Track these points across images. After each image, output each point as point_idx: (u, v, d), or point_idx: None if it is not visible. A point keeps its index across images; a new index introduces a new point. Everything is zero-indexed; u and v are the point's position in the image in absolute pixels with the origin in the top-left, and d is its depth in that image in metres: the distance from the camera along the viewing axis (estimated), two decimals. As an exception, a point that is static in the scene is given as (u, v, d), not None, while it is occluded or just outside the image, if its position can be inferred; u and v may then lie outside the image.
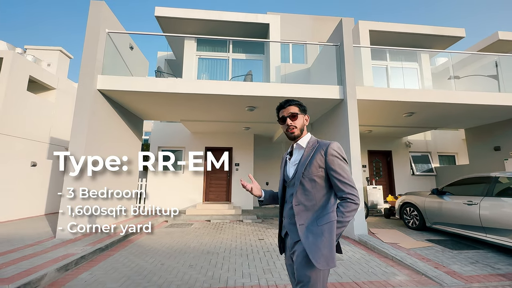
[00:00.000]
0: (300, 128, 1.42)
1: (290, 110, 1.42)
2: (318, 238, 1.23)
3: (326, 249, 1.21)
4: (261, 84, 5.41)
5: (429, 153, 9.97)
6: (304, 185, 1.32)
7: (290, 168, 1.44)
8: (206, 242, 4.66)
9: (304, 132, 1.45)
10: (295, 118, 1.41)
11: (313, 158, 1.33)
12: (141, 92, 5.17)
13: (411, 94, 5.62)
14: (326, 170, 1.32)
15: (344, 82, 5.46)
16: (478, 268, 3.20)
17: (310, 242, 1.24)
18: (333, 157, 1.30)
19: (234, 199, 8.80)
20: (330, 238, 1.23)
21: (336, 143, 1.34)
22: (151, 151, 8.86)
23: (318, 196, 1.31)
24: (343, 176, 1.28)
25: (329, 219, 1.26)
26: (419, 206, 5.14)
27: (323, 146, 1.34)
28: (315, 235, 1.24)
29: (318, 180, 1.31)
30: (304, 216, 1.30)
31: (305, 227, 1.28)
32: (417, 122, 7.47)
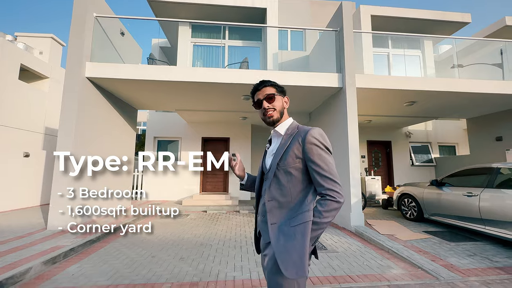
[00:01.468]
0: (279, 111, 1.23)
1: (266, 92, 1.25)
2: (289, 241, 1.05)
3: (297, 255, 1.03)
4: (257, 71, 5.20)
5: (429, 144, 9.83)
6: (279, 178, 1.14)
7: (267, 159, 1.26)
8: (201, 233, 4.59)
9: (284, 116, 1.26)
10: (272, 99, 1.23)
11: (290, 146, 1.14)
12: (132, 80, 4.97)
13: (413, 83, 5.42)
14: (305, 161, 1.12)
15: (343, 70, 5.25)
16: (476, 261, 3.13)
17: (280, 245, 1.07)
18: (312, 145, 1.10)
19: (232, 190, 8.75)
20: (303, 242, 1.04)
21: (317, 129, 1.14)
22: (147, 142, 8.74)
23: (294, 192, 1.13)
24: (323, 169, 1.08)
25: (304, 219, 1.08)
26: (418, 197, 5.05)
27: (302, 132, 1.15)
28: (286, 237, 1.07)
29: (294, 172, 1.13)
30: (277, 214, 1.13)
31: (277, 227, 1.11)
32: (418, 112, 7.28)
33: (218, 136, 9.01)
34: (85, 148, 4.85)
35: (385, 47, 8.15)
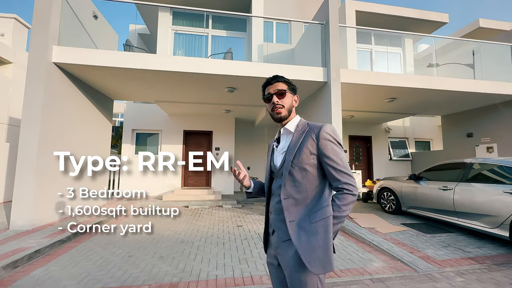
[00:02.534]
0: (288, 109, 1.22)
1: (278, 87, 1.22)
2: (312, 238, 1.06)
3: (321, 250, 1.04)
4: (241, 62, 5.02)
5: (406, 139, 10.24)
6: (294, 175, 1.14)
7: (277, 157, 1.25)
8: (182, 230, 4.43)
9: (292, 114, 1.25)
10: (282, 96, 1.21)
11: (303, 143, 1.14)
12: (106, 67, 4.61)
13: (394, 79, 5.52)
14: (319, 157, 1.13)
15: (329, 64, 5.22)
16: (450, 252, 3.27)
17: (302, 242, 1.06)
18: (327, 141, 1.11)
19: (214, 184, 8.58)
20: (326, 237, 1.06)
21: (329, 125, 1.15)
22: (125, 135, 8.28)
23: (310, 188, 1.13)
24: (338, 164, 1.10)
25: (324, 214, 1.09)
26: (396, 191, 5.22)
27: (315, 129, 1.15)
28: (308, 233, 1.07)
29: (309, 169, 1.13)
30: (294, 211, 1.12)
31: (296, 224, 1.10)
32: (398, 108, 7.50)
33: (200, 129, 8.74)
34: (54, 142, 4.46)
35: (368, 44, 8.27)
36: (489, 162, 3.84)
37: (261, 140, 9.89)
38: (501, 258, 3.09)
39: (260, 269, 2.80)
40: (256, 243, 3.67)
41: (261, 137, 9.88)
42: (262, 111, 7.72)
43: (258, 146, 9.86)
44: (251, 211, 6.21)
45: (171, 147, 8.46)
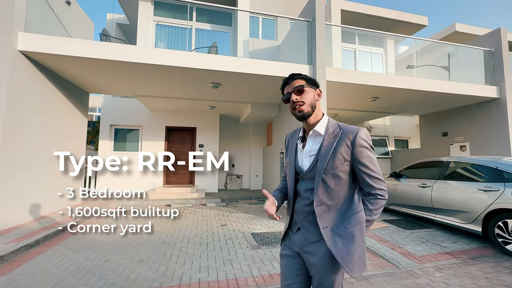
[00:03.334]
0: (309, 104, 1.15)
1: (295, 84, 1.17)
2: (350, 243, 1.08)
3: (358, 255, 1.07)
4: (227, 57, 4.87)
5: (386, 137, 10.59)
6: (327, 182, 1.12)
7: (304, 159, 1.20)
8: (163, 230, 4.26)
9: (318, 113, 1.19)
10: (301, 92, 1.15)
11: (337, 149, 1.11)
12: (80, 58, 4.27)
13: (377, 79, 5.63)
14: (352, 163, 1.12)
15: (315, 62, 5.21)
16: (428, 248, 3.38)
17: (339, 248, 1.07)
18: (363, 148, 1.09)
19: (198, 182, 8.39)
20: (362, 241, 1.10)
21: (364, 130, 1.11)
22: (102, 130, 7.84)
23: (341, 194, 1.13)
24: (373, 170, 1.10)
25: (358, 220, 1.11)
26: (378, 188, 5.35)
27: (349, 134, 1.11)
28: (344, 239, 1.08)
29: (343, 175, 1.12)
30: (327, 218, 1.13)
31: (330, 230, 1.11)
32: (380, 107, 7.70)
33: (183, 125, 8.48)
34: (20, 139, 4.09)
35: (352, 43, 8.40)
36: (464, 160, 4.02)
37: (246, 137, 9.80)
38: (475, 252, 3.25)
39: (245, 270, 2.73)
40: (240, 243, 3.60)
41: (246, 134, 9.78)
42: (247, 108, 7.62)
43: (243, 144, 9.76)
44: (236, 209, 6.13)
45: (152, 143, 8.13)
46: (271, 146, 8.51)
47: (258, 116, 7.86)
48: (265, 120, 8.77)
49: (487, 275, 2.62)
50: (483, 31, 9.13)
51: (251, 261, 2.98)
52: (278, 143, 7.61)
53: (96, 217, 4.98)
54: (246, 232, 4.14)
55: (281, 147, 7.27)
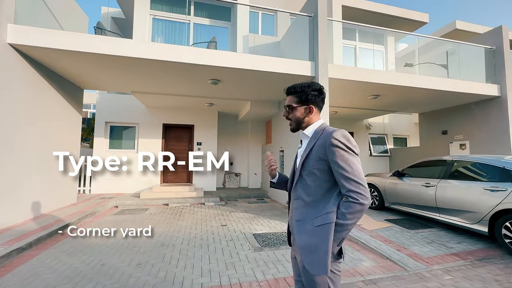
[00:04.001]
0: (295, 121, 1.28)
1: (286, 102, 1.31)
2: (312, 240, 1.10)
3: (319, 254, 1.07)
4: (227, 53, 4.73)
5: (385, 135, 10.55)
6: (304, 178, 1.19)
7: (298, 159, 1.29)
8: (162, 231, 4.13)
9: (312, 118, 1.27)
10: (291, 110, 1.28)
11: (314, 148, 1.17)
12: (73, 52, 4.08)
13: (379, 76, 5.53)
14: (329, 162, 1.12)
15: (316, 58, 5.09)
16: (434, 249, 3.32)
17: (303, 243, 1.13)
18: (335, 147, 1.10)
19: (196, 181, 8.25)
20: (325, 243, 1.07)
21: (340, 131, 1.13)
22: (97, 127, 7.64)
23: (319, 192, 1.15)
24: (346, 170, 1.07)
25: (325, 220, 1.10)
26: (380, 187, 5.29)
27: (326, 134, 1.15)
28: (309, 236, 1.12)
29: (318, 173, 1.15)
30: (302, 212, 1.18)
31: (301, 225, 1.17)
32: (380, 105, 7.62)
33: (181, 123, 8.31)
34: (10, 137, 3.90)
35: (352, 40, 8.29)
36: (469, 159, 3.96)
37: (244, 135, 9.66)
38: (481, 253, 3.19)
39: (249, 274, 2.63)
40: (242, 245, 3.49)
41: (245, 132, 9.65)
42: (246, 105, 7.48)
43: (241, 142, 9.63)
44: (235, 209, 6.02)
45: (149, 141, 7.95)
46: (270, 144, 8.39)
47: (257, 113, 7.73)
48: (264, 118, 8.65)
49: (497, 277, 2.56)
50: (484, 29, 9.09)
51: (254, 264, 2.87)
52: (277, 141, 7.50)
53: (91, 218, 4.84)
54: (247, 233, 4.04)
55: (281, 145, 7.16)
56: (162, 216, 5.16)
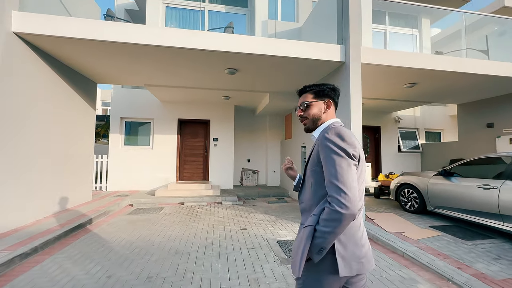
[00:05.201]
0: (312, 119, 1.20)
1: (302, 99, 1.24)
2: (296, 242, 1.06)
3: (296, 256, 1.02)
4: (245, 37, 4.23)
5: (416, 130, 9.63)
6: (306, 181, 1.15)
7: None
8: (176, 235, 3.77)
9: (326, 117, 1.19)
10: (306, 108, 1.21)
11: (313, 151, 1.12)
12: (82, 40, 3.78)
13: (420, 60, 4.80)
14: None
15: (347, 41, 4.46)
16: (506, 267, 2.67)
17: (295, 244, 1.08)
18: (324, 147, 1.02)
19: (212, 178, 7.91)
20: (302, 244, 1.00)
21: (335, 128, 1.05)
22: (112, 123, 7.47)
23: (317, 196, 1.07)
24: (331, 172, 0.97)
25: (310, 222, 1.02)
26: (421, 188, 4.60)
27: (322, 132, 1.09)
28: (297, 237, 1.08)
29: (315, 176, 1.07)
30: (305, 216, 1.12)
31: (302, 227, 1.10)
32: (415, 95, 6.82)
33: (196, 118, 7.96)
34: (19, 134, 3.67)
35: (382, 24, 7.50)
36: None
37: (262, 130, 9.18)
38: None
39: (278, 296, 2.16)
40: (266, 255, 3.03)
41: (263, 127, 9.16)
42: (265, 98, 6.97)
43: (259, 137, 9.15)
44: (254, 209, 5.58)
45: (164, 137, 7.69)
46: (290, 140, 7.85)
47: (276, 106, 7.20)
48: (283, 111, 8.10)
49: None
50: (537, 6, 7.89)
51: (282, 281, 2.40)
52: (299, 136, 6.95)
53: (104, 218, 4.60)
54: (270, 239, 3.57)
55: (303, 140, 6.60)
56: (177, 217, 4.82)
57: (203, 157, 8.11)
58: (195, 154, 8.08)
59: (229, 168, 7.97)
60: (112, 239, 3.56)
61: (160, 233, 3.83)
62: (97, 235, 3.72)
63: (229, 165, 7.98)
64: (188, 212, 5.21)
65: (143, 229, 4.04)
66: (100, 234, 3.76)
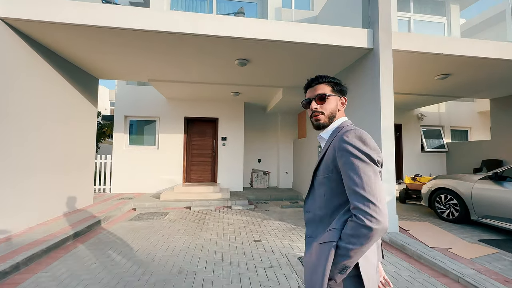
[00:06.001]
0: (328, 115, 1.04)
1: (318, 91, 1.05)
2: (312, 259, 0.92)
3: (316, 275, 0.87)
4: (258, 20, 3.71)
5: (441, 127, 8.86)
6: (315, 188, 1.01)
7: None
8: (180, 247, 3.29)
9: (339, 115, 1.06)
10: (323, 101, 1.03)
11: (326, 153, 0.97)
12: (76, 26, 3.35)
13: (460, 45, 4.17)
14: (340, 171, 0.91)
15: (375, 25, 3.88)
16: None
17: (307, 260, 0.96)
18: (344, 152, 0.88)
19: (221, 180, 7.43)
20: (323, 263, 0.85)
21: (354, 131, 0.90)
22: (116, 122, 7.10)
23: (330, 205, 0.95)
24: (355, 181, 0.84)
25: (329, 238, 0.88)
26: (463, 193, 3.96)
27: (339, 135, 0.94)
28: (311, 254, 0.94)
29: (328, 183, 0.94)
30: (313, 227, 0.99)
31: (310, 242, 0.98)
32: (445, 89, 6.12)
33: (204, 116, 7.50)
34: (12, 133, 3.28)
35: (406, 11, 6.86)
36: None
37: (273, 129, 8.64)
38: None
39: None
40: (288, 277, 2.50)
41: (274, 125, 8.62)
42: (277, 93, 6.44)
43: (270, 136, 8.62)
44: (267, 215, 5.06)
45: (170, 136, 7.27)
46: (304, 139, 7.28)
47: (290, 102, 6.65)
48: (296, 109, 7.54)
49: None
50: None
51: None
52: (314, 135, 6.37)
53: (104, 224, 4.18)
54: (290, 255, 3.04)
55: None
56: (183, 224, 4.35)
57: (211, 157, 7.65)
58: (202, 154, 7.63)
59: (238, 169, 7.48)
60: (108, 251, 3.11)
61: (163, 245, 3.35)
62: (92, 246, 3.28)
63: (239, 166, 7.49)
64: (195, 218, 4.74)
65: (144, 239, 3.58)
66: (95, 245, 3.33)
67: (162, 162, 7.11)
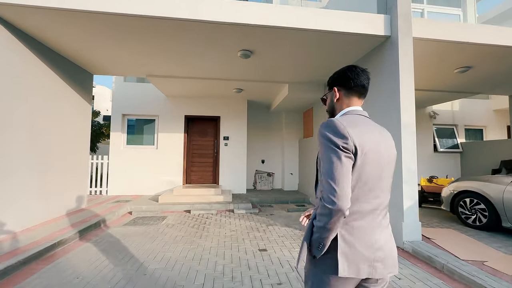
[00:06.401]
0: (329, 111, 1.15)
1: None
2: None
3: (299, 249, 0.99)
4: (263, 5, 3.35)
5: (455, 126, 8.41)
6: (317, 176, 1.07)
7: None
8: (176, 257, 2.92)
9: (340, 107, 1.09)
10: (324, 103, 1.18)
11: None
12: (60, 10, 3.02)
13: (485, 33, 3.76)
14: None
15: (393, 10, 3.51)
16: None
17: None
18: (318, 140, 0.96)
19: (223, 181, 7.06)
20: (304, 237, 0.98)
21: (329, 120, 0.95)
22: (113, 120, 6.78)
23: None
24: (323, 166, 0.91)
25: (313, 216, 0.99)
26: (492, 197, 3.54)
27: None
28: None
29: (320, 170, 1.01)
30: None
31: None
32: (463, 84, 5.70)
33: (205, 114, 7.15)
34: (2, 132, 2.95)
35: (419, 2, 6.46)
36: None
37: (278, 128, 8.27)
38: None
39: None
40: (300, 298, 2.11)
41: (278, 124, 8.25)
42: (283, 90, 6.07)
43: (274, 136, 8.25)
44: (273, 220, 4.68)
45: (170, 136, 6.93)
46: (310, 138, 6.89)
47: (296, 99, 6.28)
48: (303, 106, 7.16)
49: None
50: None
51: None
52: (322, 134, 5.97)
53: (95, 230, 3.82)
54: (300, 269, 2.65)
55: (328, 138, 5.63)
56: (181, 230, 3.99)
57: (212, 158, 7.29)
58: (203, 155, 7.27)
59: (241, 170, 7.11)
60: (95, 263, 2.75)
61: (157, 255, 2.99)
62: (77, 257, 2.93)
63: (242, 166, 7.12)
64: (194, 223, 4.37)
65: (137, 248, 3.22)
66: (81, 255, 2.97)
67: (161, 163, 6.77)
